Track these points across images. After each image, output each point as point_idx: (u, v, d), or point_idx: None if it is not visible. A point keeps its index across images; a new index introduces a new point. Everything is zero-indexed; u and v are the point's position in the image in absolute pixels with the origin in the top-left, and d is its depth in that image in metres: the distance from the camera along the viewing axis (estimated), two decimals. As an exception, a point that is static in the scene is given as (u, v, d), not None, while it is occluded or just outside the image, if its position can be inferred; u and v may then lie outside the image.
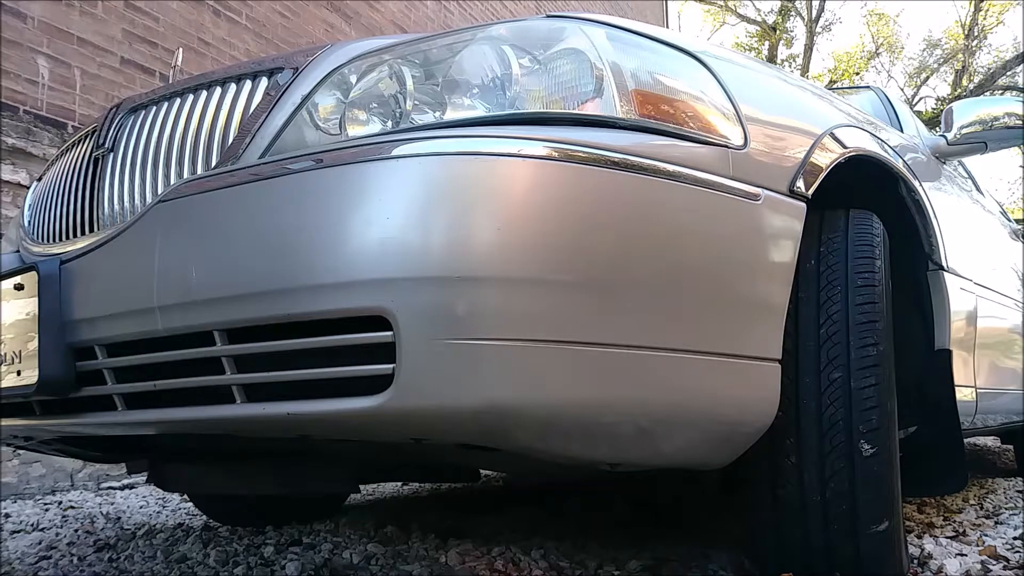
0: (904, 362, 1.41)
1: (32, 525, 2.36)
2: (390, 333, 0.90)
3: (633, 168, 1.02)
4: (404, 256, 0.91)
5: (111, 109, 1.41)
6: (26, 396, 1.19)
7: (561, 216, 0.96)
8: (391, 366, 0.91)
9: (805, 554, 1.20)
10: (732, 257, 1.12)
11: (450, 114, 1.10)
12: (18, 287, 1.22)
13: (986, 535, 1.76)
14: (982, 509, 2.20)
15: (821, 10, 18.56)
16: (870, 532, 1.16)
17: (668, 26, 11.98)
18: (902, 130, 2.35)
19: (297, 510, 2.13)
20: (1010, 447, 3.85)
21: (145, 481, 2.09)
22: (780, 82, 1.47)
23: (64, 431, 1.29)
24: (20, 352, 1.21)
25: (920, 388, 1.61)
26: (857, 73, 19.37)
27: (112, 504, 2.86)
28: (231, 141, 1.18)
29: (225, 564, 1.63)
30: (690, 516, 2.17)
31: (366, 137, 1.09)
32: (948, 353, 1.64)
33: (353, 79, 1.18)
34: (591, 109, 1.08)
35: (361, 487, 2.30)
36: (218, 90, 1.26)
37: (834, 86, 9.45)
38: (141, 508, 2.73)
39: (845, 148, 1.37)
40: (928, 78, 19.12)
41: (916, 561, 1.47)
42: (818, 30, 18.68)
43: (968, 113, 2.22)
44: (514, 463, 1.47)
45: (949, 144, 2.22)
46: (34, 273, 1.19)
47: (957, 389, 1.61)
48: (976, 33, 17.32)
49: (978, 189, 3.03)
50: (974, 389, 1.91)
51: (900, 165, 1.60)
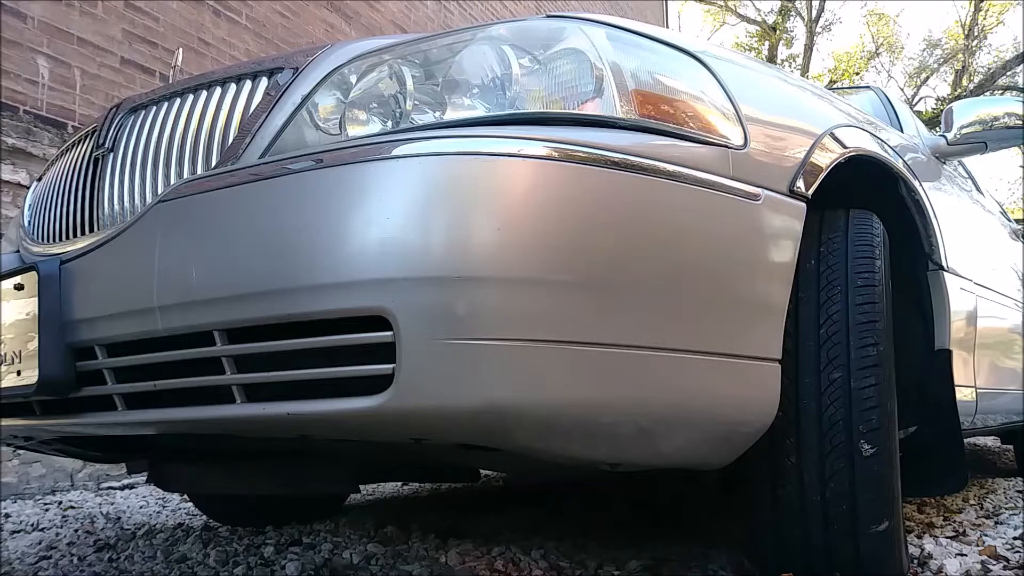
0: (904, 362, 1.41)
1: (32, 525, 2.36)
2: (390, 333, 0.90)
3: (633, 168, 1.02)
4: (404, 256, 0.91)
5: (111, 109, 1.41)
6: (26, 396, 1.19)
7: (561, 216, 0.96)
8: (391, 366, 0.91)
9: (805, 554, 1.20)
10: (732, 257, 1.12)
11: (450, 114, 1.10)
12: (18, 287, 1.22)
13: (986, 535, 1.76)
14: (982, 509, 2.20)
15: (821, 10, 18.57)
16: (870, 532, 1.16)
17: (668, 26, 11.98)
18: (902, 130, 2.35)
19: (297, 510, 2.13)
20: (1010, 447, 3.85)
21: (145, 481, 2.09)
22: (780, 82, 1.47)
23: (64, 431, 1.29)
24: (20, 352, 1.21)
25: (920, 388, 1.61)
26: (857, 73, 19.37)
27: (112, 504, 2.86)
28: (231, 141, 1.18)
29: (225, 564, 1.63)
30: (690, 516, 2.17)
31: (366, 137, 1.09)
32: (948, 353, 1.64)
33: (353, 79, 1.18)
34: (591, 109, 1.08)
35: (361, 487, 2.31)
36: (218, 90, 1.26)
37: (834, 86, 9.45)
38: (141, 508, 2.73)
39: (845, 148, 1.37)
40: (928, 78, 19.14)
41: (916, 561, 1.47)
42: (818, 30, 18.69)
43: (968, 113, 2.22)
44: (514, 463, 1.47)
45: (949, 144, 2.22)
46: (34, 273, 1.19)
47: (957, 389, 1.61)
48: (976, 33, 17.32)
49: (978, 189, 3.03)
50: (974, 389, 1.91)
51: (900, 165, 1.60)
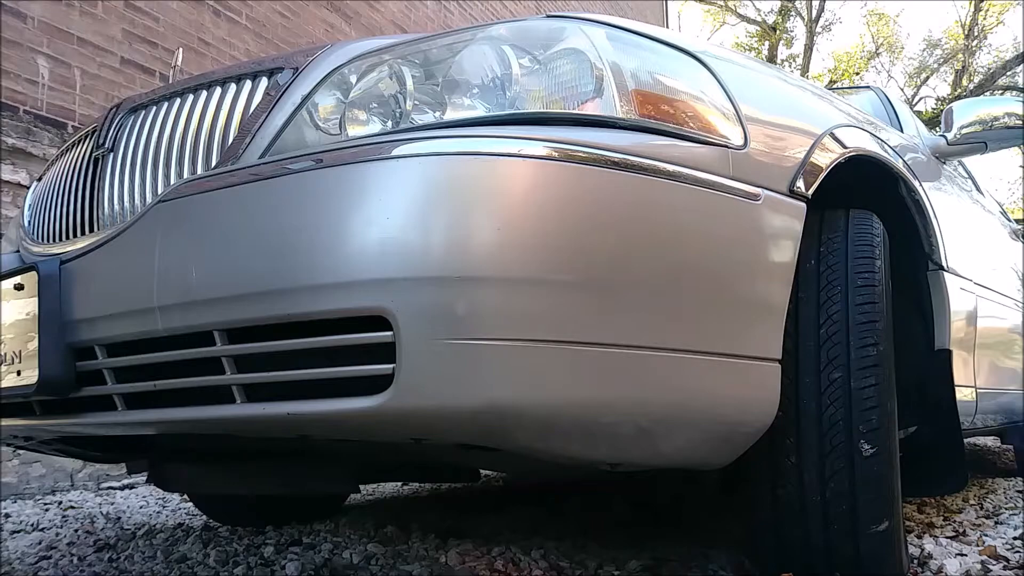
0: (904, 362, 1.41)
1: (32, 525, 2.36)
2: (390, 333, 0.90)
3: (633, 168, 1.02)
4: (404, 256, 0.91)
5: (111, 109, 1.41)
6: (26, 396, 1.19)
7: (561, 216, 0.96)
8: (391, 366, 0.91)
9: (805, 554, 1.20)
10: (732, 257, 1.12)
11: (450, 114, 1.10)
12: (18, 287, 1.22)
13: (986, 535, 1.76)
14: (982, 509, 2.20)
15: (821, 10, 18.56)
16: (870, 532, 1.16)
17: (668, 26, 11.97)
18: (902, 130, 2.35)
19: (297, 510, 2.13)
20: (1010, 447, 3.85)
21: (145, 481, 2.09)
22: (780, 82, 1.47)
23: (64, 431, 1.29)
24: (20, 352, 1.21)
25: (920, 388, 1.61)
26: (857, 73, 19.37)
27: (112, 504, 2.86)
28: (231, 141, 1.18)
29: (225, 564, 1.63)
30: (690, 516, 2.17)
31: (366, 137, 1.09)
32: (948, 353, 1.64)
33: (353, 79, 1.18)
34: (591, 109, 1.08)
35: (361, 487, 2.31)
36: (218, 90, 1.26)
37: (834, 86, 9.45)
38: (141, 508, 2.73)
39: (845, 148, 1.37)
40: (928, 78, 19.14)
41: (916, 561, 1.47)
42: (818, 30, 18.69)
43: (968, 113, 2.22)
44: (514, 463, 1.47)
45: (949, 144, 2.22)
46: (34, 273, 1.19)
47: (957, 389, 1.61)
48: (976, 33, 17.31)
49: (978, 189, 3.03)
50: (974, 389, 1.91)
51: (900, 165, 1.60)
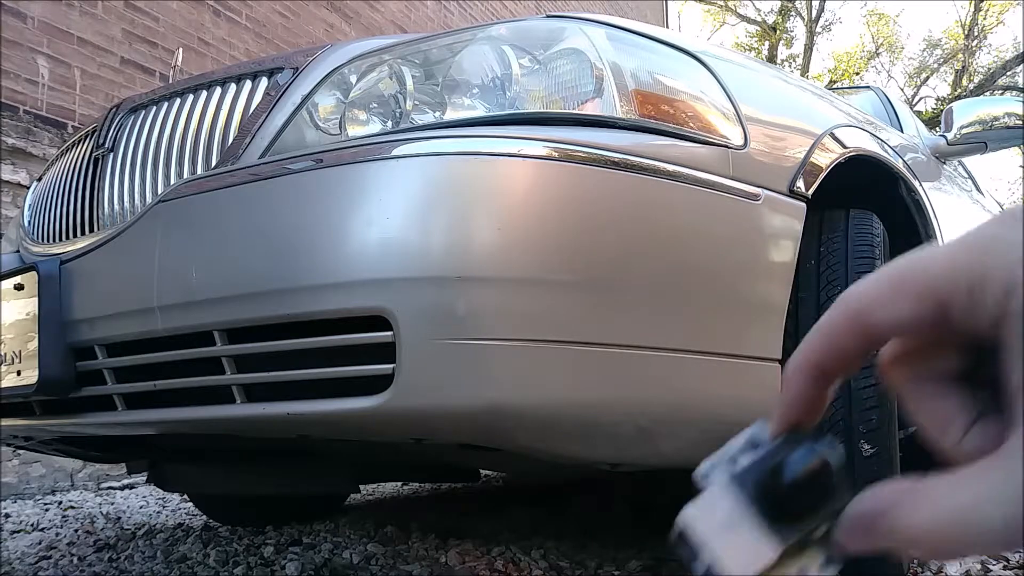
0: (904, 362, 1.40)
1: (32, 525, 2.36)
2: (390, 333, 0.90)
3: (633, 168, 1.02)
4: (404, 256, 0.91)
5: (111, 109, 1.41)
6: (26, 396, 1.19)
7: (561, 216, 0.96)
8: (391, 366, 0.91)
9: (805, 554, 1.20)
10: (732, 257, 1.12)
11: (450, 114, 1.10)
12: (18, 287, 1.22)
13: (986, 535, 1.75)
14: (982, 509, 2.19)
15: (821, 10, 18.56)
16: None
17: (668, 26, 11.97)
18: (902, 130, 2.35)
19: (297, 510, 2.13)
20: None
21: (145, 481, 2.09)
22: (780, 82, 1.47)
23: (64, 431, 1.29)
24: (20, 352, 1.21)
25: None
26: (857, 73, 19.37)
27: (112, 504, 2.86)
28: (231, 141, 1.18)
29: (225, 564, 1.63)
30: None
31: (366, 137, 1.09)
32: (948, 353, 1.63)
33: (353, 79, 1.18)
34: (591, 109, 1.08)
35: (361, 487, 2.31)
36: (218, 90, 1.26)
37: (834, 86, 9.45)
38: (141, 508, 2.73)
39: (845, 148, 1.37)
40: (928, 78, 19.14)
41: (916, 561, 1.47)
42: (818, 30, 18.68)
43: (968, 113, 2.22)
44: (514, 463, 1.47)
45: (949, 144, 2.22)
46: (34, 273, 1.19)
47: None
48: (976, 33, 17.32)
49: (978, 189, 3.03)
50: (974, 389, 1.90)
51: (900, 165, 1.60)
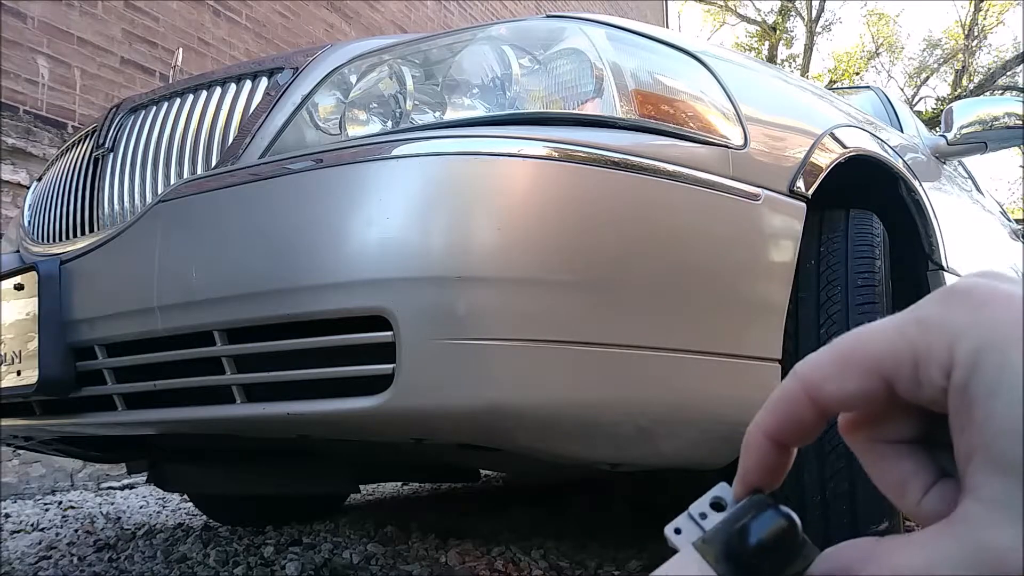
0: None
1: (32, 525, 2.36)
2: (390, 333, 0.90)
3: (633, 168, 1.02)
4: (404, 256, 0.91)
5: (111, 109, 1.41)
6: (26, 396, 1.19)
7: (561, 216, 0.96)
8: (391, 366, 0.91)
9: (805, 554, 1.20)
10: (732, 257, 1.12)
11: (450, 114, 1.10)
12: (18, 287, 1.22)
13: (986, 535, 1.75)
14: (982, 509, 2.19)
15: (821, 10, 18.56)
16: (870, 532, 1.16)
17: (668, 26, 11.97)
18: (902, 130, 2.35)
19: (297, 510, 2.13)
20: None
21: (145, 481, 2.09)
22: (780, 82, 1.47)
23: (64, 431, 1.29)
24: (20, 352, 1.21)
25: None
26: (857, 73, 19.37)
27: (112, 504, 2.86)
28: (231, 141, 1.18)
29: (225, 564, 1.63)
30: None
31: (366, 137, 1.09)
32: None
33: (353, 79, 1.18)
34: (591, 109, 1.08)
35: (361, 487, 2.31)
36: (218, 90, 1.26)
37: (834, 86, 9.45)
38: (141, 508, 2.73)
39: (845, 148, 1.37)
40: (928, 78, 19.14)
41: None
42: (818, 30, 18.68)
43: (968, 113, 2.22)
44: (514, 463, 1.47)
45: (949, 144, 2.22)
46: (34, 273, 1.19)
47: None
48: (976, 33, 17.32)
49: (978, 189, 3.03)
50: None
51: (900, 165, 1.60)
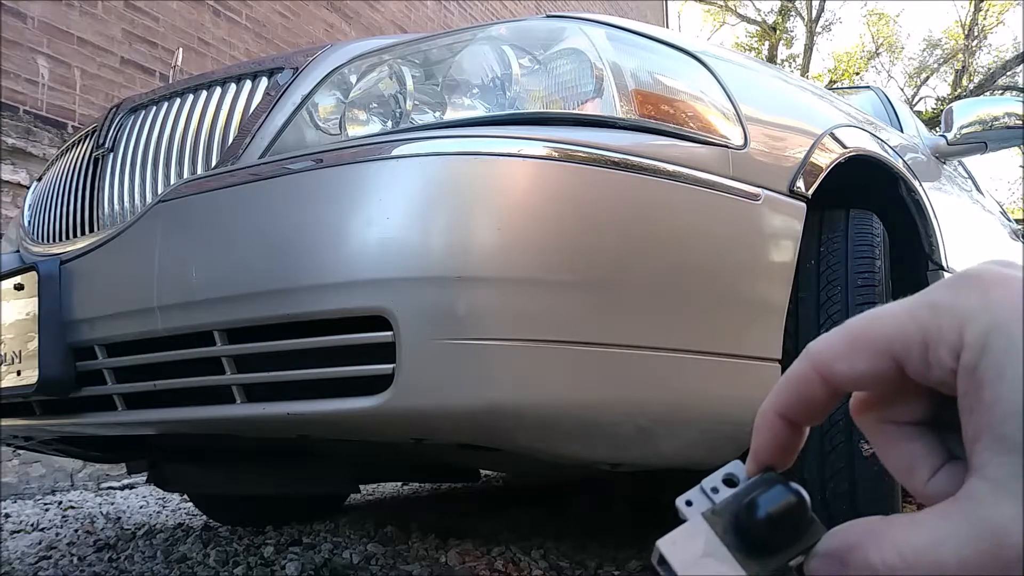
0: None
1: (32, 525, 2.36)
2: (390, 333, 0.90)
3: (633, 168, 1.02)
4: (404, 256, 0.91)
5: (111, 109, 1.41)
6: (26, 396, 1.19)
7: (561, 216, 0.96)
8: (391, 366, 0.91)
9: (805, 554, 1.20)
10: (732, 257, 1.12)
11: (450, 114, 1.10)
12: (18, 287, 1.22)
13: (986, 535, 1.75)
14: (982, 509, 2.19)
15: (821, 10, 18.55)
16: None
17: (668, 26, 11.97)
18: (902, 130, 2.35)
19: (297, 510, 2.13)
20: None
21: (145, 481, 2.09)
22: (780, 82, 1.47)
23: (64, 431, 1.29)
24: (20, 352, 1.21)
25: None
26: (857, 73, 19.37)
27: (112, 504, 2.86)
28: (231, 141, 1.18)
29: (225, 564, 1.63)
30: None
31: (366, 137, 1.09)
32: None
33: (353, 79, 1.18)
34: (591, 109, 1.08)
35: (361, 487, 2.31)
36: (218, 90, 1.26)
37: (834, 86, 9.45)
38: (141, 508, 2.73)
39: (845, 148, 1.37)
40: (928, 78, 19.14)
41: None
42: (818, 30, 18.68)
43: (968, 113, 2.22)
44: (514, 463, 1.47)
45: (949, 144, 2.22)
46: (34, 273, 1.19)
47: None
48: (976, 33, 17.32)
49: (978, 189, 3.03)
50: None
51: (900, 165, 1.60)
